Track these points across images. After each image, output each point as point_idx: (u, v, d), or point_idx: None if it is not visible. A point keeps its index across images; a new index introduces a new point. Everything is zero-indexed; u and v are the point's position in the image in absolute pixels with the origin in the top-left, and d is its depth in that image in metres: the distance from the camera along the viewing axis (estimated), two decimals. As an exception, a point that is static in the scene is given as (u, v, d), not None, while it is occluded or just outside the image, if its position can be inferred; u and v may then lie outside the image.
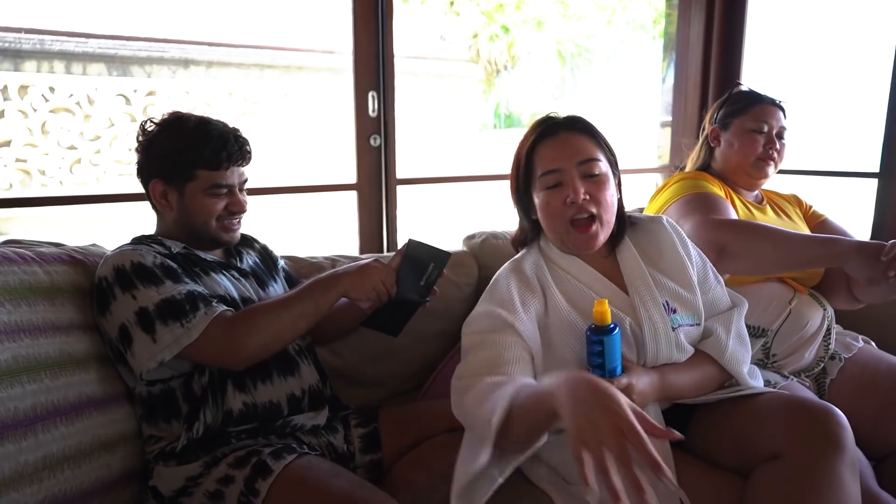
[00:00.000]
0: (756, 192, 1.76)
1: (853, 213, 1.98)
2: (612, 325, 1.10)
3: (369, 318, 1.35)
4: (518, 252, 1.35)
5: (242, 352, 1.17)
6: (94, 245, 1.40)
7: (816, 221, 1.76)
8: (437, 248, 1.34)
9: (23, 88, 4.62)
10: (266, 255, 1.52)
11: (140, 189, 1.34)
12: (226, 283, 1.29)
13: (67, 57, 4.81)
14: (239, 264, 1.39)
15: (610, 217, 1.22)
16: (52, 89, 4.70)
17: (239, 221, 1.36)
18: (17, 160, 4.64)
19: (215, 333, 1.15)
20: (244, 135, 1.34)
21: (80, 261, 1.30)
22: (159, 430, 1.21)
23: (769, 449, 1.06)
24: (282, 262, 1.55)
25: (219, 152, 1.27)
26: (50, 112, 4.70)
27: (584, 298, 1.21)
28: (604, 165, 1.21)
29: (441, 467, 1.26)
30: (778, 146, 1.65)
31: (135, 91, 4.98)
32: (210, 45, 5.34)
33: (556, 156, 1.20)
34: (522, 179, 1.26)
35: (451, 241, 1.96)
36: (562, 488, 1.20)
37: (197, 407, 1.19)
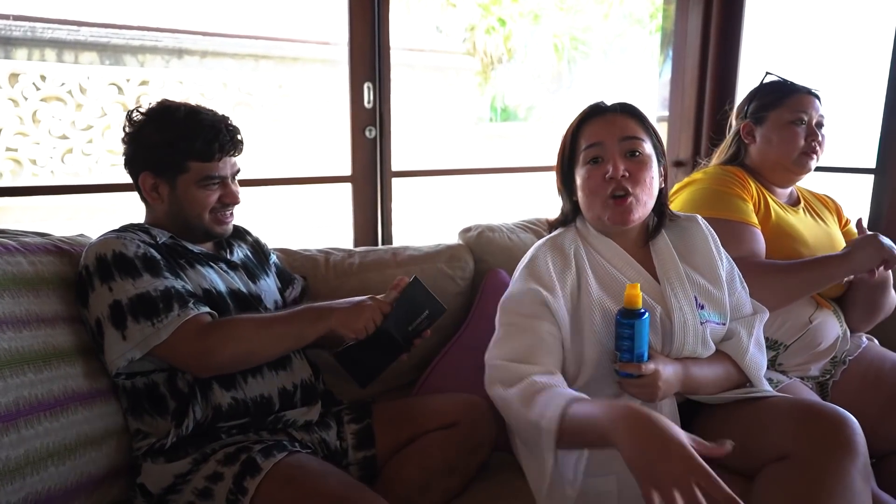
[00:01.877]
0: (790, 189, 1.66)
1: (849, 210, 1.97)
2: (642, 310, 1.10)
3: (344, 352, 1.26)
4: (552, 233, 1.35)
5: (212, 360, 1.15)
6: (81, 235, 1.38)
7: (847, 238, 1.68)
8: (436, 297, 1.29)
9: (13, 76, 4.57)
10: (258, 248, 1.49)
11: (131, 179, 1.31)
12: (212, 276, 1.26)
13: (59, 45, 4.76)
14: (228, 256, 1.36)
15: (647, 199, 1.22)
16: (43, 77, 4.66)
17: (232, 213, 1.33)
18: (8, 149, 4.59)
19: (187, 337, 1.12)
20: (235, 123, 1.30)
21: (66, 251, 1.27)
22: (145, 424, 1.18)
23: (778, 450, 1.07)
24: (274, 257, 1.52)
25: (211, 143, 1.23)
26: (41, 101, 4.65)
27: (615, 282, 1.22)
28: (647, 147, 1.22)
29: (434, 465, 1.25)
30: (819, 137, 1.56)
31: (127, 80, 4.94)
32: (204, 34, 5.30)
33: (600, 131, 1.22)
34: (567, 158, 1.27)
35: (446, 234, 1.94)
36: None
37: (185, 404, 1.16)
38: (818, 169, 2.05)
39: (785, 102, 1.57)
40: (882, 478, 1.30)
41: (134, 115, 1.26)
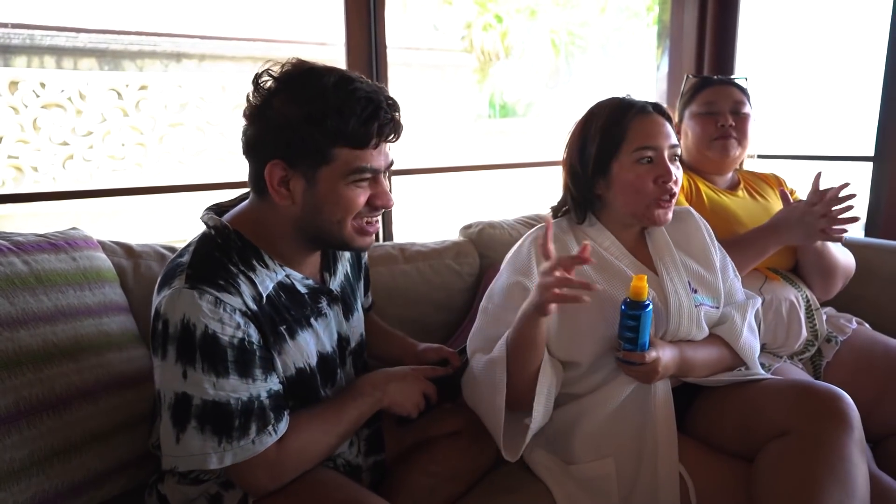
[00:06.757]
0: (729, 175, 1.72)
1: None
2: (647, 302, 1.11)
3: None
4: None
5: (272, 488, 1.01)
6: (73, 229, 1.36)
7: None
8: None
9: (13, 84, 4.58)
10: (358, 259, 1.30)
11: (140, 183, 1.28)
12: (309, 346, 1.07)
13: (58, 52, 4.78)
14: (331, 284, 1.15)
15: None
16: (42, 85, 4.67)
17: (378, 220, 1.05)
18: (9, 157, 4.61)
19: (254, 466, 0.96)
20: (393, 96, 1.00)
21: (60, 246, 1.26)
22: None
23: (776, 427, 1.08)
24: (365, 259, 1.33)
25: (368, 123, 0.94)
26: (41, 108, 4.66)
27: (609, 267, 1.24)
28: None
29: (439, 471, 1.25)
30: (732, 121, 1.62)
31: (126, 86, 4.95)
32: (202, 38, 5.31)
33: (654, 134, 1.23)
34: (606, 150, 1.23)
35: (446, 232, 1.95)
36: (560, 474, 1.21)
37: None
38: (818, 157, 2.05)
39: (695, 98, 1.70)
40: (880, 460, 1.31)
41: (263, 79, 0.96)
